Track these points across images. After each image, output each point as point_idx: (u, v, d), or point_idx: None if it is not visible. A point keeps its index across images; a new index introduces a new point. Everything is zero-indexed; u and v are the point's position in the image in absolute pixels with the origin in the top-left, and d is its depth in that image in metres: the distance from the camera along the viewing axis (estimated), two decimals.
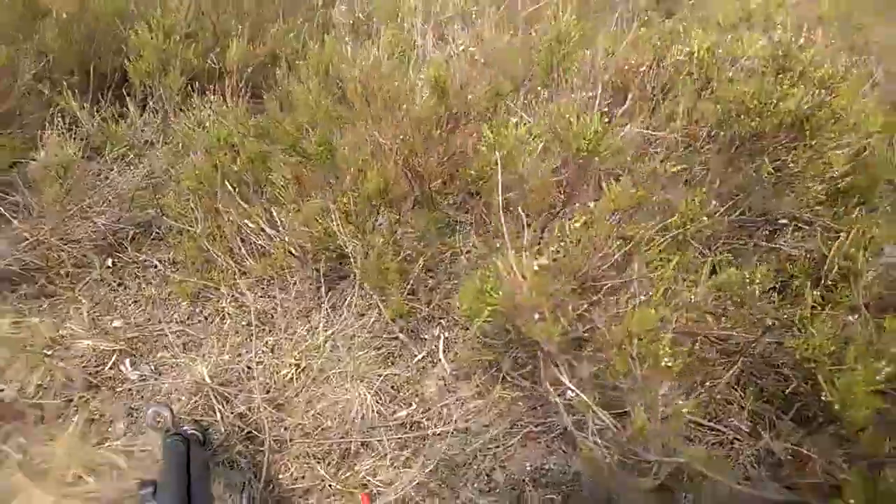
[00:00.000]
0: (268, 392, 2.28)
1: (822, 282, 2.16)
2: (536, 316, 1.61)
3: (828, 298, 2.09)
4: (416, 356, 2.40)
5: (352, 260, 2.42)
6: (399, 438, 2.14)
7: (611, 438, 1.66)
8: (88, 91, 3.40)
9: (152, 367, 2.38)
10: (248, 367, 2.35)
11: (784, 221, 2.55)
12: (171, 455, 1.69)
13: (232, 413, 2.22)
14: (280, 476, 2.06)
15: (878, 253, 2.09)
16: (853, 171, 2.33)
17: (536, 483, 2.05)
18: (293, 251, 2.56)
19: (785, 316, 2.11)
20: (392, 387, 2.31)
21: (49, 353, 2.35)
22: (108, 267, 2.81)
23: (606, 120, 1.95)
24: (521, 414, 2.19)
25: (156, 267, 2.81)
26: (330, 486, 2.02)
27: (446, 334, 2.46)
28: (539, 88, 2.45)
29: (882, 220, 2.20)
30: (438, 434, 2.15)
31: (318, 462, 2.08)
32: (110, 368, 2.37)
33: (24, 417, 2.16)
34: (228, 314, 2.58)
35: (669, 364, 1.58)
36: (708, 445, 2.12)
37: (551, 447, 2.13)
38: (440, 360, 2.38)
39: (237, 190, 2.71)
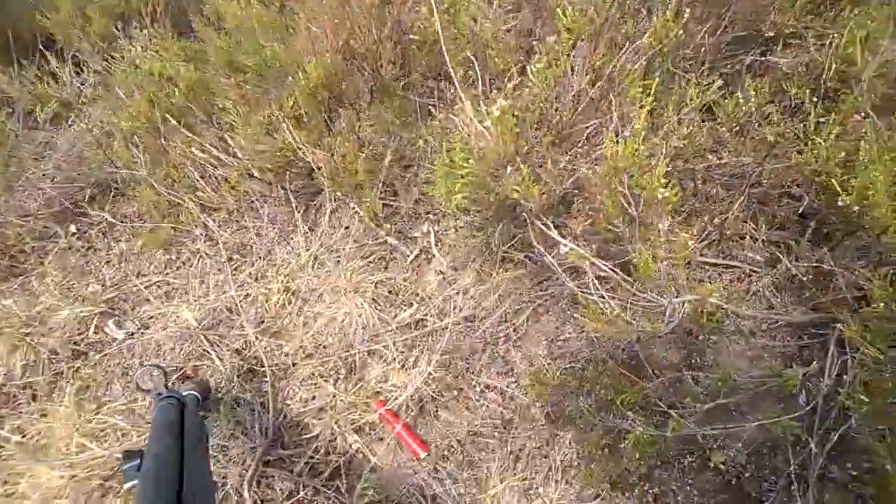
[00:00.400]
0: (261, 323, 2.16)
1: (823, 91, 1.99)
2: (509, 169, 1.43)
3: (830, 108, 1.92)
4: (408, 256, 2.25)
5: (315, 169, 2.23)
6: (405, 340, 2.03)
7: (617, 289, 1.52)
8: (12, 59, 3.12)
9: (138, 324, 2.27)
10: (235, 303, 2.23)
11: (772, 34, 2.33)
12: (161, 422, 1.50)
13: (228, 352, 2.11)
14: (289, 402, 1.97)
15: (876, 50, 1.89)
16: None
17: (554, 355, 1.94)
18: (255, 173, 2.38)
19: (788, 132, 1.94)
20: (389, 291, 2.18)
21: (28, 331, 2.23)
22: (74, 233, 2.65)
23: None
24: (526, 291, 2.06)
25: (122, 223, 2.65)
26: (342, 400, 1.93)
27: (435, 228, 2.30)
28: None
29: (875, 13, 1.98)
30: (445, 327, 2.03)
31: (326, 380, 1.99)
32: (95, 333, 2.26)
33: (16, 399, 2.07)
34: (205, 254, 2.43)
35: (666, 194, 1.41)
36: (725, 283, 1.99)
37: (564, 316, 2.02)
38: (434, 254, 2.23)
39: (182, 123, 2.50)
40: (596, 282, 1.49)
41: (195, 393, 1.76)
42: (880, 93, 1.88)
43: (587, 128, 1.70)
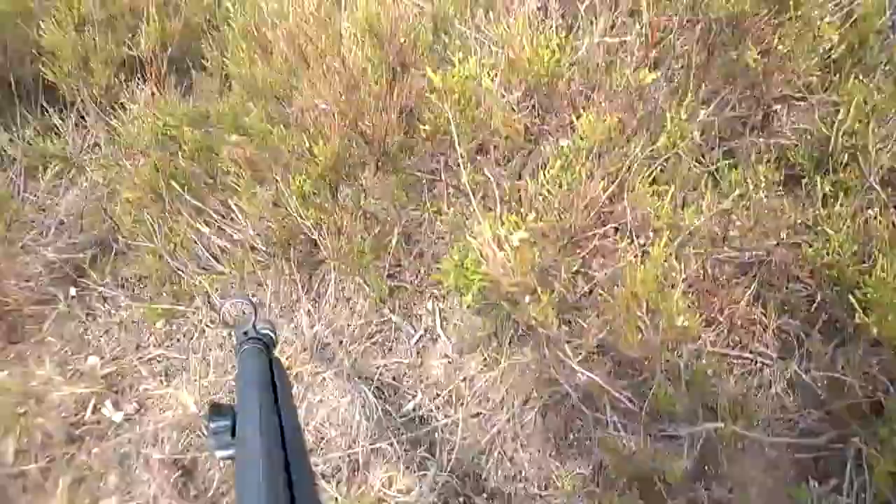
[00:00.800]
0: None
1: (830, 165, 1.89)
2: (527, 298, 1.36)
3: (838, 184, 1.82)
4: (413, 336, 2.18)
5: (321, 248, 2.16)
6: (410, 436, 1.95)
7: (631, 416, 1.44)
8: (16, 108, 3.06)
9: (136, 405, 2.20)
10: None
11: (777, 108, 2.24)
12: (253, 373, 1.10)
13: None
14: None
15: (883, 121, 1.80)
16: (845, 36, 1.98)
17: (562, 457, 1.86)
18: (259, 245, 2.32)
19: (798, 221, 1.84)
20: (394, 378, 2.11)
21: (23, 410, 2.17)
22: (73, 296, 2.59)
23: (563, 34, 1.63)
24: (533, 383, 1.98)
25: (122, 287, 2.59)
26: None
27: (441, 305, 2.22)
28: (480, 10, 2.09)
29: (881, 81, 1.88)
30: (452, 423, 1.95)
31: (328, 482, 1.90)
32: (92, 413, 2.19)
33: (6, 491, 2.00)
34: (207, 326, 2.37)
35: (686, 324, 1.33)
36: (736, 378, 1.90)
37: (572, 413, 1.93)
38: (439, 335, 2.16)
39: (186, 188, 2.44)
40: (611, 411, 1.41)
41: (271, 332, 1.21)
42: (887, 167, 1.78)
43: (599, 232, 1.62)
